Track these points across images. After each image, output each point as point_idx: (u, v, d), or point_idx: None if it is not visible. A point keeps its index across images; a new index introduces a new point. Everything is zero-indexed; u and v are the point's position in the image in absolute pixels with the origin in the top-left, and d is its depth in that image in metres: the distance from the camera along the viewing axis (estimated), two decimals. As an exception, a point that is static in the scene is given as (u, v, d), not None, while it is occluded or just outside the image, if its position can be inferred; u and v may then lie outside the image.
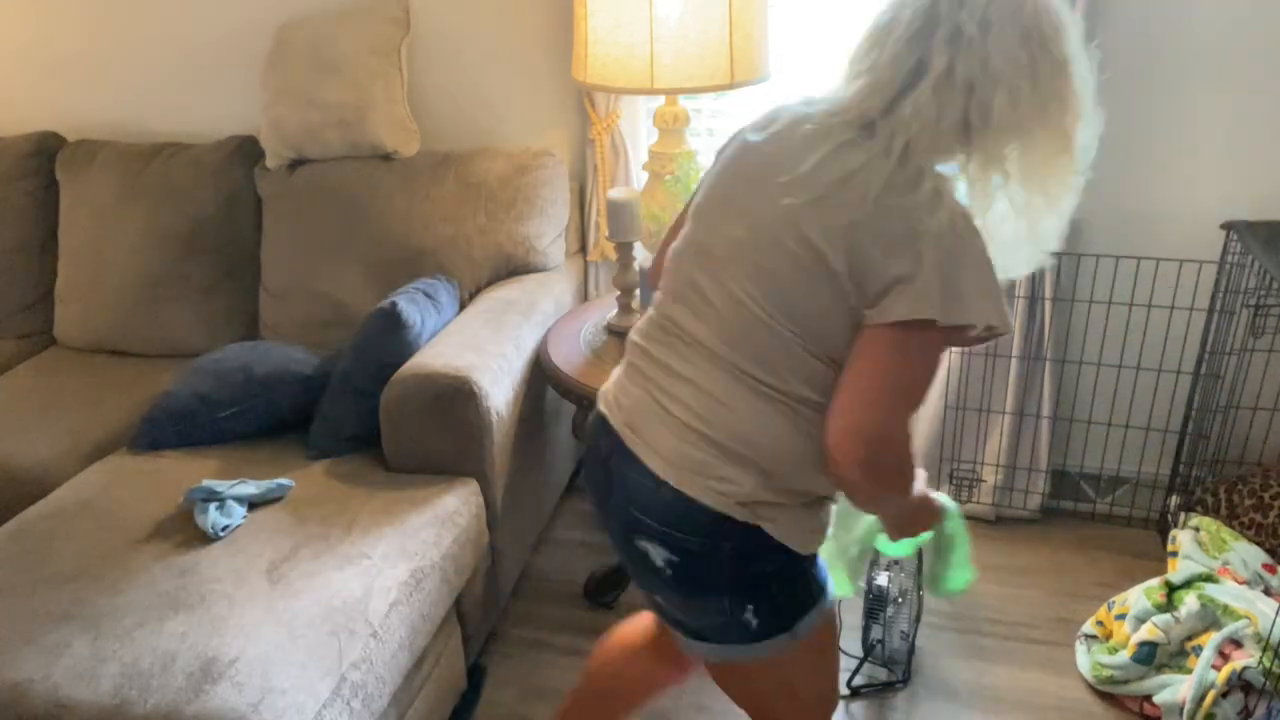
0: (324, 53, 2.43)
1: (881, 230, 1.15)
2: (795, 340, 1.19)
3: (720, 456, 1.21)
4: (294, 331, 2.50)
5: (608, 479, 1.30)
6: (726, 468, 1.20)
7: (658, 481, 1.22)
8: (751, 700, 1.39)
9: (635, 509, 1.25)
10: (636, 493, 1.25)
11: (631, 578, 1.39)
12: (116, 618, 1.57)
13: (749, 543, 1.22)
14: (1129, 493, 2.51)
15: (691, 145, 2.21)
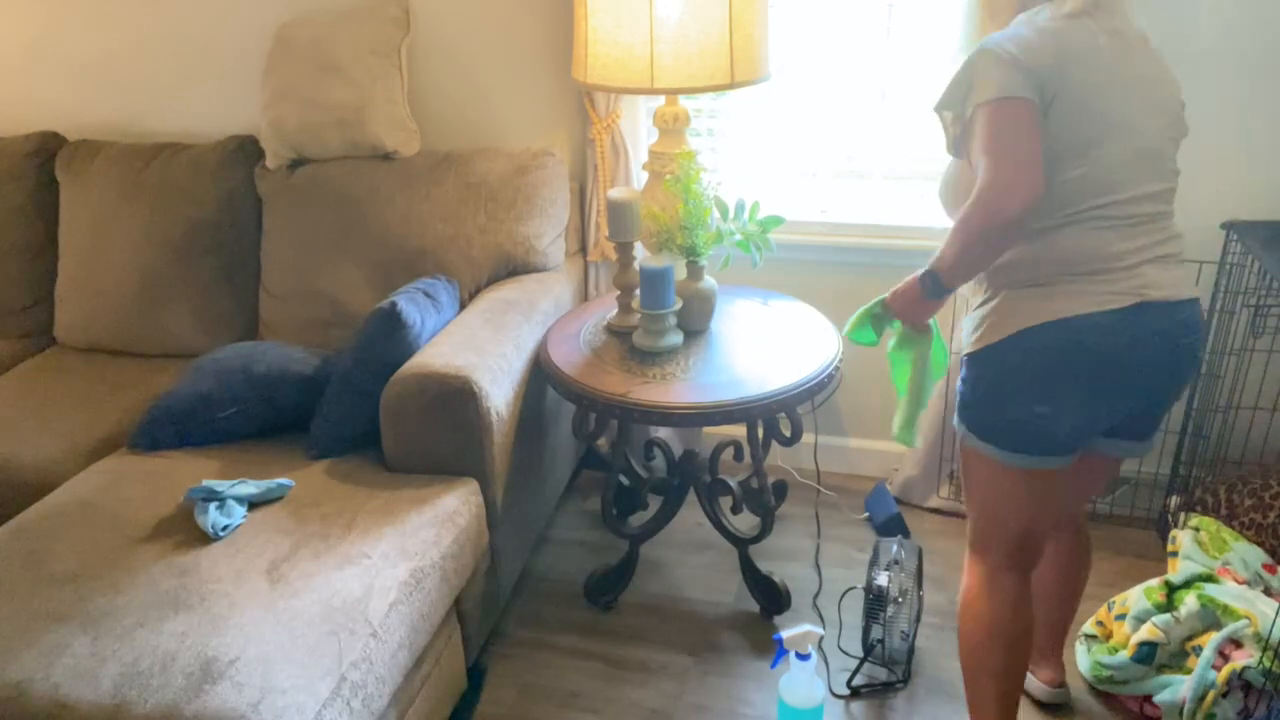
0: (324, 53, 2.43)
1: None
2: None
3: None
4: (294, 331, 2.50)
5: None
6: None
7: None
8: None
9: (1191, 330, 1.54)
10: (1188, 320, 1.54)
11: (1151, 415, 1.61)
12: (116, 618, 1.57)
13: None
14: (1129, 493, 2.51)
15: (691, 145, 2.21)
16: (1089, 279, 1.49)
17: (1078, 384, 1.50)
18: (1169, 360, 1.52)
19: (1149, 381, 1.53)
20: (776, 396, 1.93)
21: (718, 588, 2.35)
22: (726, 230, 2.18)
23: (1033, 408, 1.52)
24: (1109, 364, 1.49)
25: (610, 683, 2.09)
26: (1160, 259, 1.52)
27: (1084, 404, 1.52)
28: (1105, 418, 1.55)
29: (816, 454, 2.72)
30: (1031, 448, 1.55)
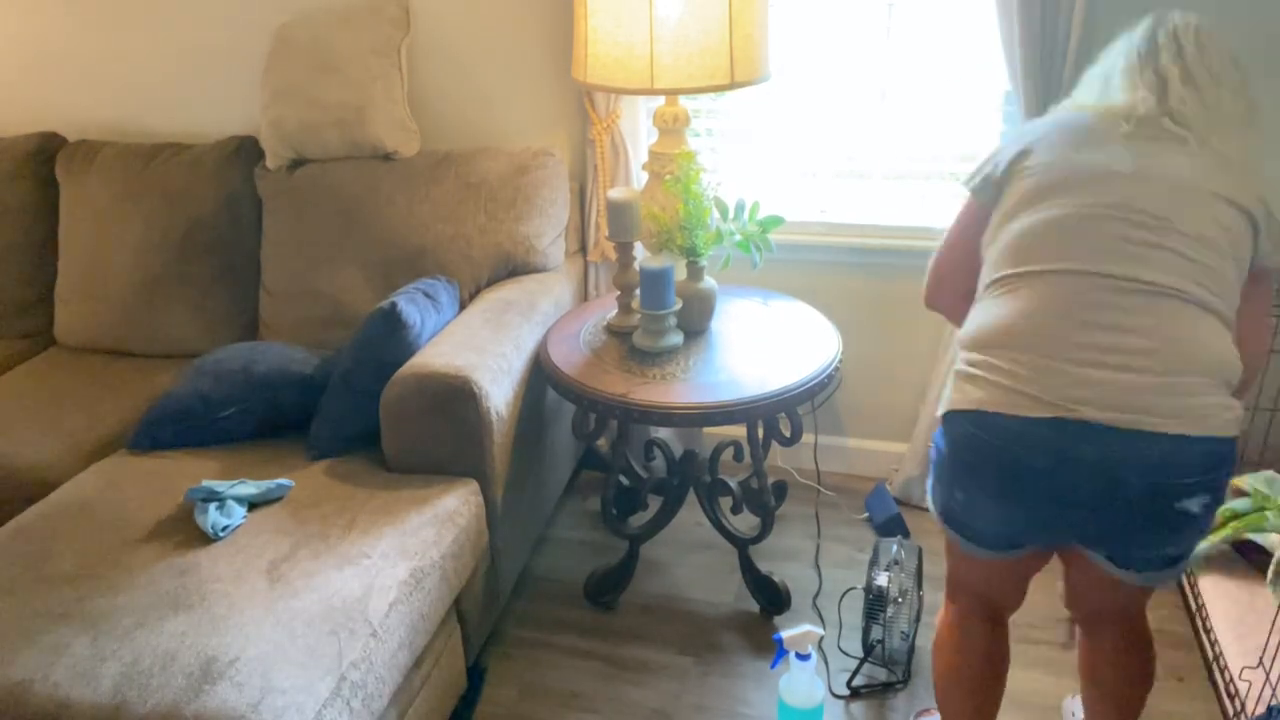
0: (324, 53, 2.43)
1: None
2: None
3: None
4: (294, 331, 2.50)
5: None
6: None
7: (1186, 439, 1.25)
8: (1141, 609, 1.54)
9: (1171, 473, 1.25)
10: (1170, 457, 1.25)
11: (1135, 546, 1.34)
12: (116, 618, 1.57)
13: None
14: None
15: (691, 145, 2.21)
16: (1010, 362, 1.30)
17: (983, 483, 1.36)
18: (1111, 500, 1.27)
19: (1085, 513, 1.30)
20: (776, 396, 1.93)
21: (718, 588, 2.35)
22: (726, 230, 2.18)
23: (952, 491, 1.43)
24: (1016, 475, 1.30)
25: (610, 683, 2.09)
26: (1134, 367, 1.25)
27: (996, 505, 1.37)
28: (1037, 529, 1.38)
29: (816, 454, 2.72)
30: (957, 529, 1.47)
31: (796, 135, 2.53)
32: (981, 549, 1.46)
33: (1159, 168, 1.35)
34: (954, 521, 1.47)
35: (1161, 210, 1.31)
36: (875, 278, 2.54)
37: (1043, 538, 1.40)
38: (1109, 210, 1.32)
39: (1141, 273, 1.28)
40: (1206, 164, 1.37)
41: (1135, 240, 1.29)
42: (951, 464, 1.40)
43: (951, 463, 1.40)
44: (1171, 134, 1.39)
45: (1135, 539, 1.32)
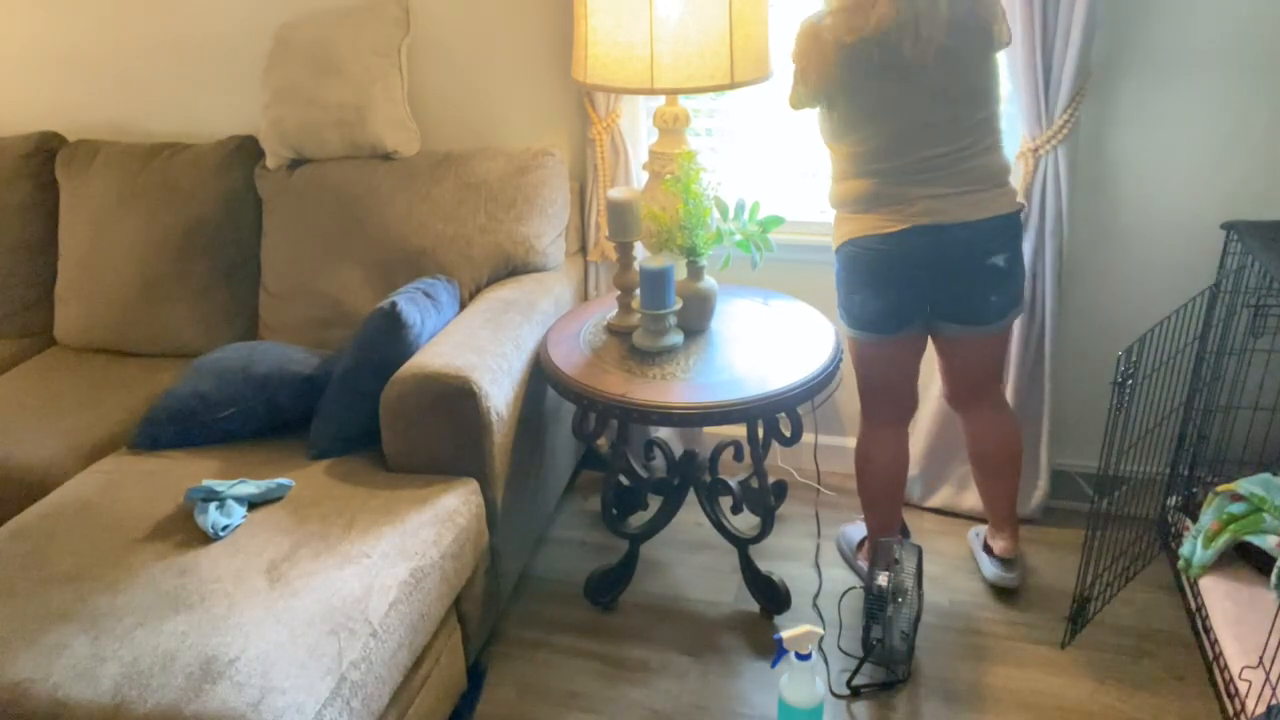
0: (324, 53, 2.43)
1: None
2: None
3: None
4: (294, 331, 2.50)
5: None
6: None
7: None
8: (1002, 359, 2.18)
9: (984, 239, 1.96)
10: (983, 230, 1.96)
11: (966, 306, 2.02)
12: (116, 618, 1.57)
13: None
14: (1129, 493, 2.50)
15: (691, 145, 2.21)
16: (877, 212, 1.96)
17: (870, 280, 2.00)
18: (955, 265, 1.96)
19: (932, 282, 1.99)
20: (776, 396, 1.93)
21: (718, 588, 2.35)
22: (726, 230, 2.18)
23: (851, 296, 2.05)
24: (888, 268, 1.97)
25: (610, 683, 2.09)
26: (940, 196, 1.92)
27: (882, 294, 2.00)
28: (908, 305, 2.02)
29: (816, 454, 2.72)
30: (860, 324, 2.06)
31: (796, 135, 2.53)
32: (875, 333, 2.05)
33: (931, 68, 1.86)
34: (856, 319, 2.06)
35: (946, 110, 1.89)
36: (875, 278, 2.54)
37: (915, 314, 2.03)
38: (911, 126, 1.91)
39: (941, 150, 1.92)
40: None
41: (930, 140, 1.92)
42: (847, 278, 2.04)
43: (847, 277, 2.04)
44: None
45: (968, 291, 2.00)
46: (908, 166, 1.93)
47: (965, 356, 2.12)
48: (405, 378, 1.94)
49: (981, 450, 2.23)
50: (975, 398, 2.19)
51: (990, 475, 2.24)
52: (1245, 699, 1.80)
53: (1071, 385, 2.47)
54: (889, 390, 2.15)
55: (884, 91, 1.89)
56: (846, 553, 2.43)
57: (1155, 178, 2.29)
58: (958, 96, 1.90)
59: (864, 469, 2.21)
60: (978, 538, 2.41)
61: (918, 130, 1.91)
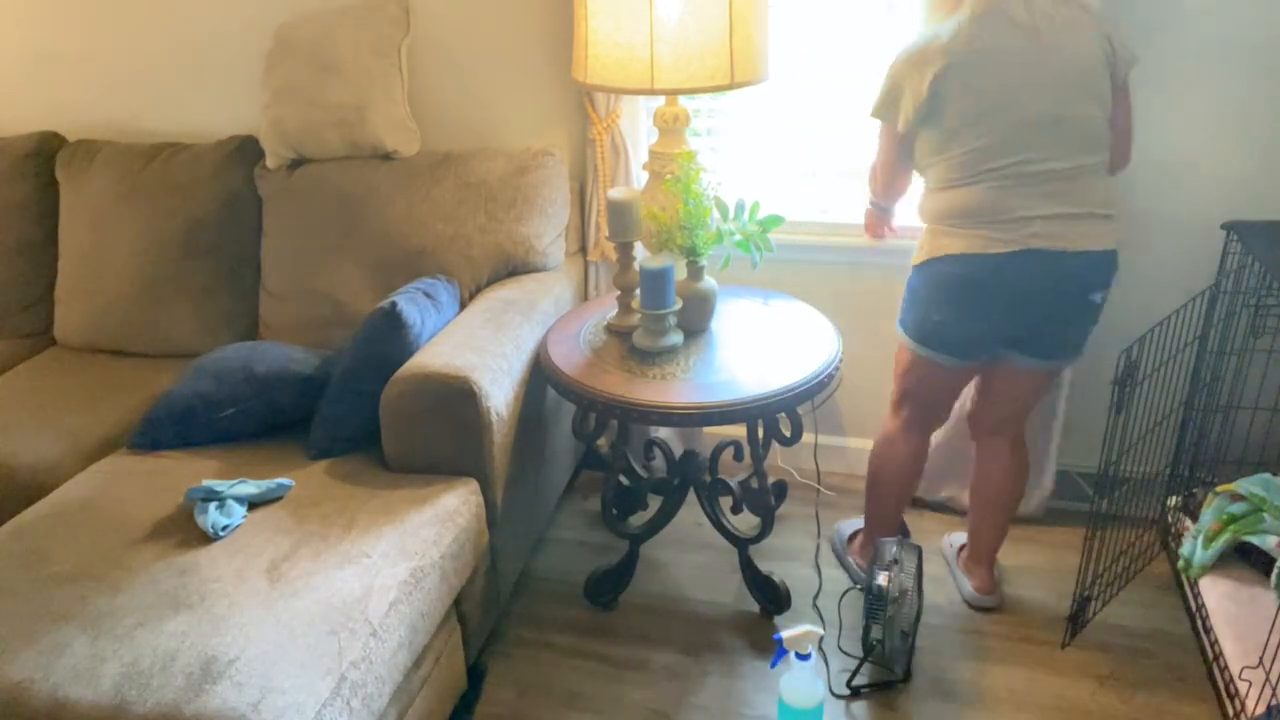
0: (324, 53, 2.43)
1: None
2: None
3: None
4: (294, 331, 2.50)
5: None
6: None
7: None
8: (1036, 403, 2.11)
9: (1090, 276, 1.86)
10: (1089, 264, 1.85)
11: (1050, 340, 1.94)
12: (116, 617, 1.57)
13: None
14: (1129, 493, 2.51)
15: (691, 145, 2.21)
16: (985, 226, 1.84)
17: (965, 304, 1.90)
18: (1056, 299, 1.86)
19: (1036, 315, 1.88)
20: (776, 396, 1.93)
21: (718, 588, 2.35)
22: (726, 230, 2.18)
23: (930, 316, 1.96)
24: (992, 295, 1.86)
25: (610, 683, 2.09)
26: (1055, 218, 1.81)
27: (971, 320, 1.91)
28: (993, 335, 1.94)
29: (816, 454, 2.72)
30: (931, 344, 1.99)
31: (796, 135, 2.53)
32: (948, 357, 1.99)
33: (1045, 71, 1.78)
34: (929, 338, 1.99)
35: (1052, 112, 1.79)
36: (875, 278, 2.54)
37: (997, 343, 1.96)
38: (1016, 131, 1.80)
39: (1046, 165, 1.81)
40: (1063, 32, 1.79)
41: (1039, 146, 1.80)
42: (932, 296, 1.94)
43: (932, 295, 1.93)
44: (1042, 13, 1.80)
45: (1061, 327, 1.91)
46: (1029, 174, 1.80)
47: (1020, 387, 2.05)
48: (405, 378, 1.94)
49: (987, 481, 2.18)
50: (1000, 429, 2.14)
51: (986, 508, 2.20)
52: (1245, 699, 1.80)
53: (1072, 385, 2.47)
54: (933, 405, 2.12)
55: (1005, 72, 1.78)
56: (838, 547, 2.43)
57: (1155, 178, 2.29)
58: (1081, 91, 1.79)
59: (880, 467, 2.19)
60: (951, 548, 2.40)
61: (1044, 126, 1.79)
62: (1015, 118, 1.79)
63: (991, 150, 1.81)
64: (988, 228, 1.83)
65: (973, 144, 1.82)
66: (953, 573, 2.35)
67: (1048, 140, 1.80)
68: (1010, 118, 1.79)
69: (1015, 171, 1.81)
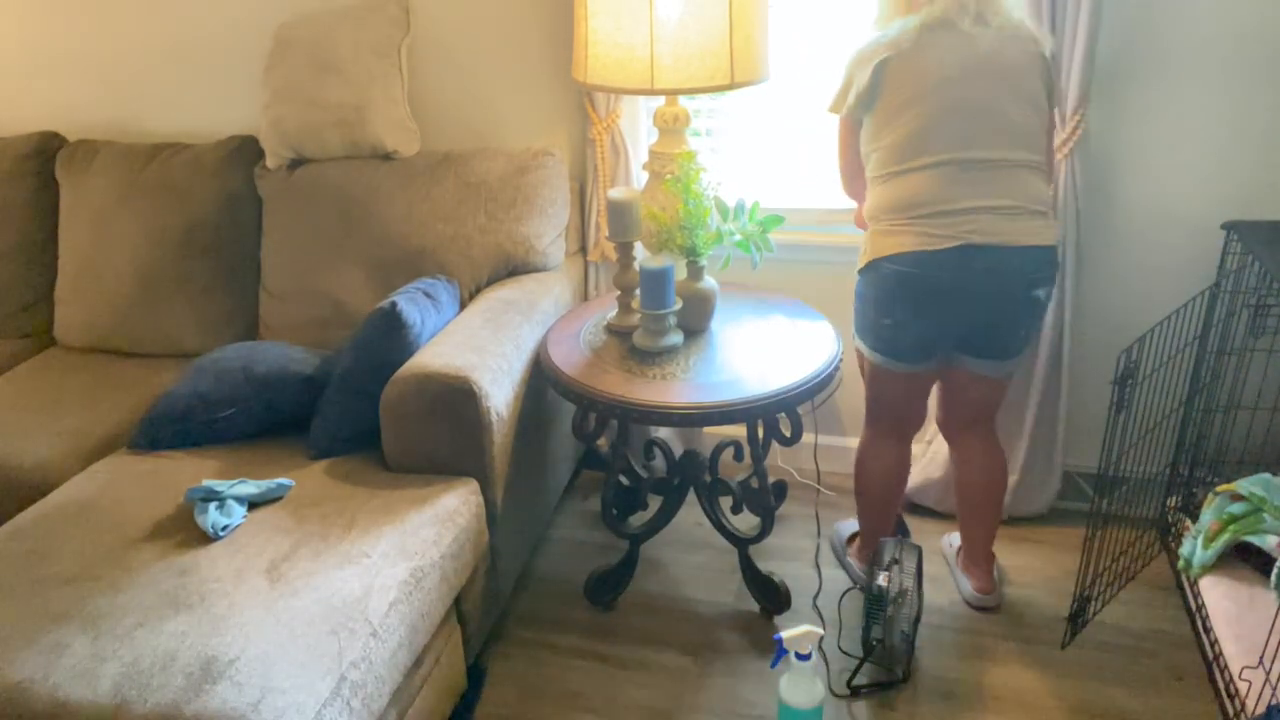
0: (324, 53, 2.43)
1: None
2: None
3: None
4: (294, 331, 2.50)
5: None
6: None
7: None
8: (1004, 395, 2.12)
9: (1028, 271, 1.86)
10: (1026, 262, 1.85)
11: (997, 339, 1.95)
12: (116, 618, 1.57)
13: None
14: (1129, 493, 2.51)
15: (691, 145, 2.21)
16: (925, 220, 1.84)
17: (909, 305, 1.90)
18: (997, 298, 1.87)
19: (978, 313, 1.89)
20: (776, 396, 1.93)
21: (718, 588, 2.35)
22: (726, 230, 2.18)
23: (881, 320, 1.95)
24: (933, 293, 1.86)
25: (610, 683, 2.09)
26: (994, 209, 1.82)
27: (920, 320, 1.91)
28: (942, 335, 1.94)
29: (816, 454, 2.72)
30: (885, 350, 2.00)
31: (797, 135, 2.53)
32: (902, 363, 1.99)
33: (980, 66, 1.83)
34: (882, 344, 1.99)
35: (983, 102, 1.83)
36: (875, 278, 2.54)
37: (944, 345, 1.97)
38: (948, 115, 1.83)
39: (981, 154, 1.83)
40: (1005, 43, 1.84)
41: (972, 133, 1.83)
42: (879, 299, 1.93)
43: (879, 297, 1.93)
44: (981, 27, 1.84)
45: (1009, 325, 1.92)
46: (965, 161, 1.83)
47: (975, 390, 2.08)
48: (405, 378, 1.94)
49: (966, 480, 2.20)
50: (969, 429, 2.17)
51: (971, 507, 2.21)
52: (1245, 699, 1.80)
53: (1072, 385, 2.47)
54: (899, 410, 2.14)
55: (940, 63, 1.83)
56: (837, 547, 2.43)
57: (1155, 178, 2.29)
58: (1015, 90, 1.84)
59: (862, 475, 2.21)
60: (950, 548, 2.40)
61: (975, 114, 1.83)
62: (947, 103, 1.83)
63: (925, 134, 1.84)
64: (927, 222, 1.84)
65: (907, 126, 1.85)
66: (953, 573, 2.35)
67: (980, 130, 1.83)
68: (942, 101, 1.83)
69: (951, 159, 1.83)
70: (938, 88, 1.83)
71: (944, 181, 1.83)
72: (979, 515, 2.21)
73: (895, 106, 1.87)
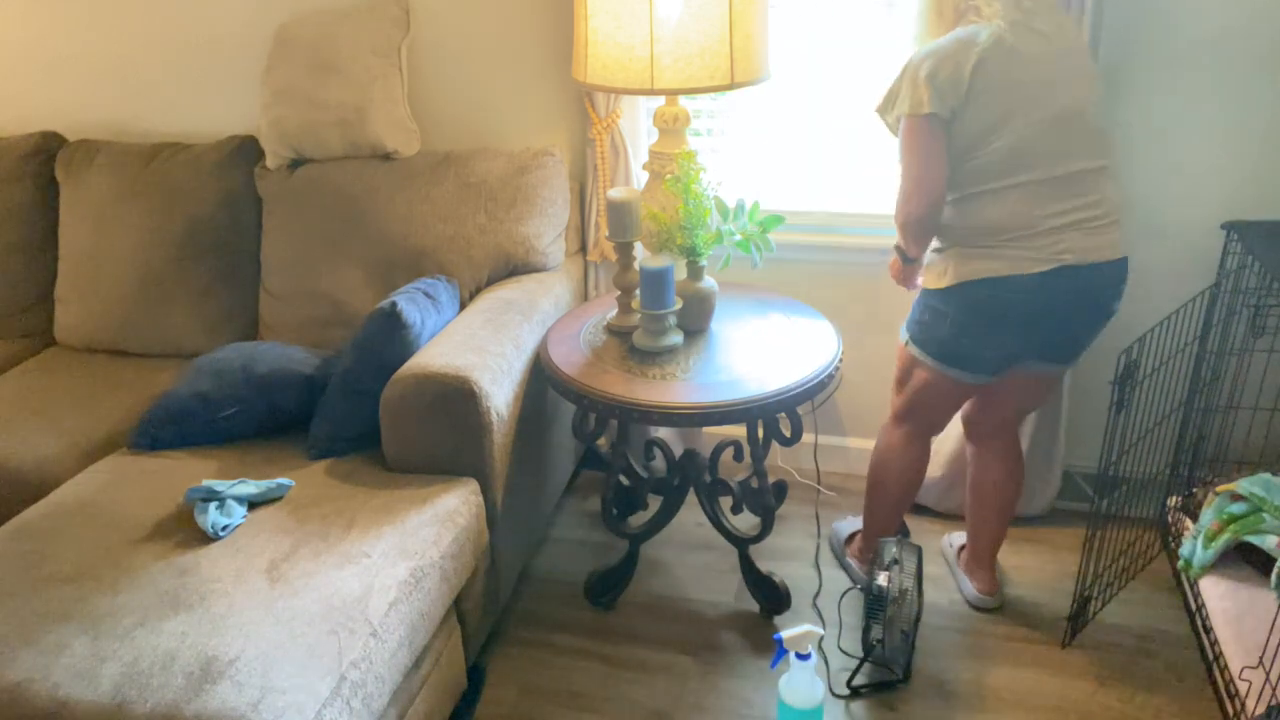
0: (324, 53, 2.43)
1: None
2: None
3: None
4: (294, 331, 2.50)
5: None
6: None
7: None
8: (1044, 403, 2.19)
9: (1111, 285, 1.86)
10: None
11: (1070, 348, 1.94)
12: (116, 618, 1.57)
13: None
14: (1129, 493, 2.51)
15: (691, 145, 2.21)
16: (1013, 244, 1.81)
17: (999, 328, 1.87)
18: (1084, 312, 1.87)
19: (1064, 327, 1.89)
20: (776, 396, 1.93)
21: (718, 588, 2.35)
22: (726, 230, 2.18)
23: (960, 338, 1.92)
24: (1027, 315, 1.84)
25: (610, 683, 2.09)
26: (1082, 223, 1.80)
27: (1004, 343, 1.89)
28: (1024, 352, 1.93)
29: (816, 454, 2.72)
30: (961, 365, 1.96)
31: (797, 135, 2.53)
32: (977, 375, 1.96)
33: (1067, 67, 1.80)
34: (957, 359, 1.95)
35: (1076, 106, 1.80)
36: (876, 278, 2.54)
37: (1021, 357, 1.94)
38: (1047, 127, 1.79)
39: (1074, 165, 1.80)
40: (1069, 37, 1.82)
41: (1067, 144, 1.80)
42: (963, 320, 1.89)
43: (963, 319, 1.89)
44: (1051, 23, 1.81)
45: (1081, 339, 1.92)
46: (1059, 177, 1.79)
47: (1029, 391, 2.06)
48: (405, 378, 1.94)
49: (985, 481, 2.18)
50: (999, 432, 2.15)
51: (986, 510, 2.19)
52: (1245, 699, 1.80)
53: (1072, 385, 2.47)
54: (942, 416, 2.11)
55: (1033, 69, 1.76)
56: (835, 547, 2.44)
57: (1155, 178, 2.29)
58: (1092, 90, 1.81)
59: (884, 474, 2.18)
60: (951, 547, 2.40)
61: (1070, 121, 1.78)
62: (1046, 113, 1.77)
63: (1023, 150, 1.78)
64: (1018, 246, 1.80)
65: (1006, 140, 1.78)
66: (953, 573, 2.35)
67: (1075, 140, 1.79)
68: (1042, 113, 1.77)
69: (1047, 175, 1.79)
70: (1036, 96, 1.77)
71: (1040, 199, 1.79)
72: (992, 519, 2.20)
73: (992, 119, 1.78)
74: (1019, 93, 1.77)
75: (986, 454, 2.17)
